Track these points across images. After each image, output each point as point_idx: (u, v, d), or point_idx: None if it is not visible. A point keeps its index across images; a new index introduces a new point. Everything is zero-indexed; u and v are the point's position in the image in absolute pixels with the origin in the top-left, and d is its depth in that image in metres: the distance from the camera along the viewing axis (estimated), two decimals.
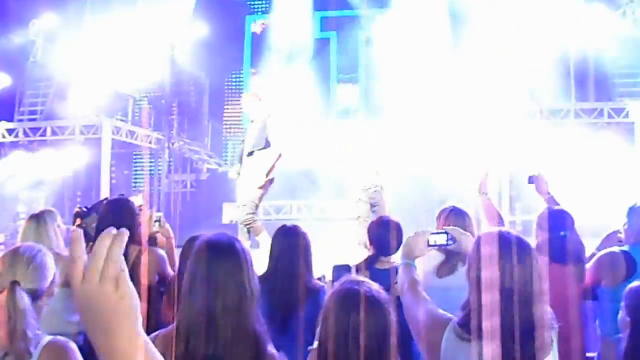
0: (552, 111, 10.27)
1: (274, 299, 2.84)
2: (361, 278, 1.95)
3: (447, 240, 2.18)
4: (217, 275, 1.77)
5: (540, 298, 1.78)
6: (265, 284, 2.83)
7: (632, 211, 3.38)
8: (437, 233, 2.21)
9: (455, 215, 3.23)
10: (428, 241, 2.18)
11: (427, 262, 3.04)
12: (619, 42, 11.50)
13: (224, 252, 1.82)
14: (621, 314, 2.29)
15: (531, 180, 3.92)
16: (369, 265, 3.39)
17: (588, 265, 3.34)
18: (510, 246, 1.78)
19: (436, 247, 2.25)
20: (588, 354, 3.29)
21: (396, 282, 2.89)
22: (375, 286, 1.86)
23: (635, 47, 11.28)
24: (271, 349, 1.82)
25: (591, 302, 3.46)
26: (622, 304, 2.31)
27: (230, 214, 9.29)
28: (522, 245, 1.81)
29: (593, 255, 3.48)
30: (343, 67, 13.00)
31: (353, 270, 3.41)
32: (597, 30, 11.46)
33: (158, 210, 5.27)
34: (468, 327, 1.78)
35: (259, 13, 13.77)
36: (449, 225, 3.01)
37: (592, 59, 11.68)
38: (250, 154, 6.27)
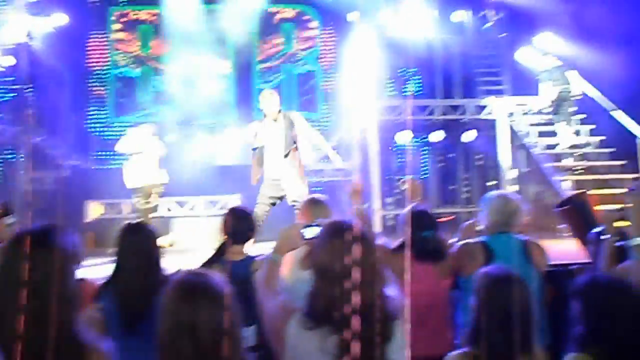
0: (420, 107, 10.61)
1: (121, 300, 2.68)
2: (201, 270, 1.86)
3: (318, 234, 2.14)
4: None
5: (379, 287, 1.81)
6: (111, 286, 2.74)
7: (487, 201, 3.46)
8: (311, 226, 2.20)
9: (313, 205, 3.22)
10: (303, 234, 2.19)
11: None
12: (483, 42, 12.22)
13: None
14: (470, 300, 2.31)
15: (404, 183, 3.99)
16: (220, 256, 3.27)
17: None
18: (349, 235, 1.80)
19: (311, 240, 2.19)
20: None
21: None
22: (214, 278, 1.75)
23: (496, 48, 12.01)
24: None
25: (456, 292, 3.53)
26: None
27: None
28: (361, 234, 1.82)
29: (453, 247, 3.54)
30: None
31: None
32: (460, 32, 12.10)
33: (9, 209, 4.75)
34: (311, 316, 1.79)
35: (123, 4, 13.02)
36: (309, 216, 2.98)
37: (457, 58, 12.27)
38: (287, 155, 6.31)
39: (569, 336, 2.13)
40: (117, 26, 12.90)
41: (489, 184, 11.57)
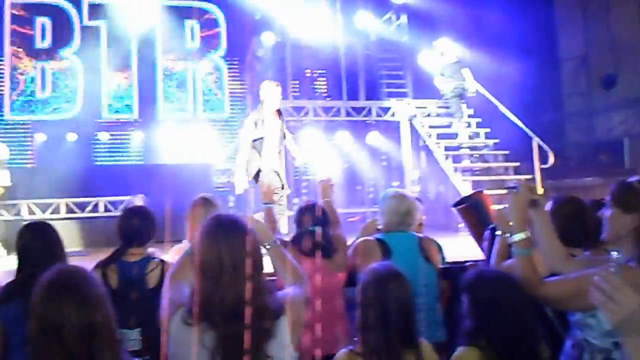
0: (324, 109, 10.67)
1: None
2: (74, 268, 1.77)
3: None
4: None
5: (261, 282, 1.81)
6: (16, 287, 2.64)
7: (384, 200, 3.50)
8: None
9: (203, 204, 3.22)
10: None
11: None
12: (386, 46, 12.48)
13: None
14: None
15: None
16: (117, 257, 3.12)
17: None
18: (222, 228, 1.82)
19: None
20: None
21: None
22: (86, 277, 1.69)
23: (399, 51, 12.29)
24: None
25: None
26: None
27: None
28: (233, 226, 1.84)
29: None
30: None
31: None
32: (365, 35, 12.29)
33: None
34: (191, 312, 1.78)
35: None
36: (199, 214, 2.94)
37: (361, 61, 12.45)
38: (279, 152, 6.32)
39: (459, 330, 2.17)
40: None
41: (393, 184, 11.81)
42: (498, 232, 2.61)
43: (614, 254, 1.45)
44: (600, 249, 2.52)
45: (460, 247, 5.73)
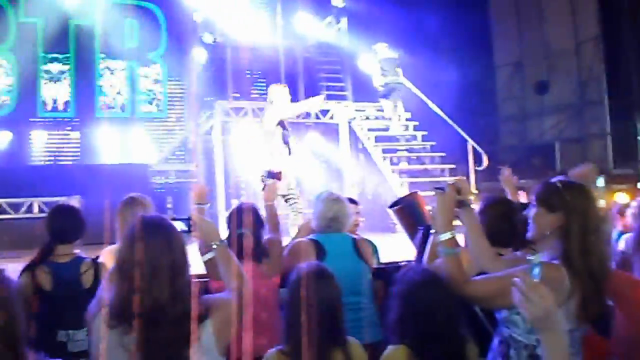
0: (264, 110, 10.59)
1: None
2: None
3: (188, 227, 2.19)
4: None
5: (183, 285, 1.78)
6: None
7: (318, 200, 3.51)
8: (180, 219, 2.20)
9: (129, 206, 3.21)
10: None
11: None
12: (325, 49, 12.53)
13: None
14: None
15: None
16: (45, 258, 3.02)
17: None
18: (142, 229, 1.78)
19: None
20: None
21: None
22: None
23: (339, 55, 12.37)
24: None
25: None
26: None
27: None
28: (154, 228, 1.81)
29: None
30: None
31: None
32: (305, 38, 12.31)
33: None
34: (112, 314, 1.76)
35: None
36: (127, 215, 2.88)
37: (301, 63, 12.45)
38: None
39: (389, 329, 2.18)
40: None
41: (332, 186, 11.85)
42: (432, 231, 2.64)
43: (530, 258, 1.49)
44: (529, 249, 2.59)
45: (397, 247, 5.79)
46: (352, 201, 4.07)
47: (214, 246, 2.07)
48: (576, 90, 12.44)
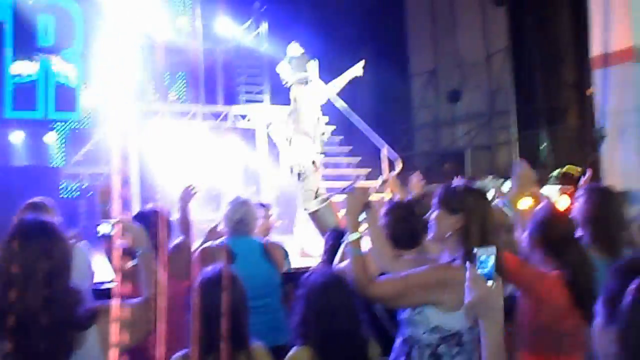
0: (182, 113, 10.40)
1: None
2: None
3: (111, 231, 2.13)
4: None
5: (64, 291, 1.72)
6: None
7: (227, 205, 3.49)
8: (106, 222, 2.18)
9: (27, 211, 3.00)
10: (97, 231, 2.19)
11: None
12: (245, 52, 12.46)
13: None
14: None
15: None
16: None
17: None
18: (18, 233, 1.71)
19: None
20: None
21: None
22: None
23: (258, 59, 12.32)
24: None
25: None
26: None
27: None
28: (32, 231, 1.74)
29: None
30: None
31: None
32: (225, 41, 12.19)
33: None
34: None
35: None
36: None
37: (220, 66, 12.31)
38: None
39: (294, 330, 2.18)
40: None
41: (252, 189, 11.76)
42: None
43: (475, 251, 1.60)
44: (421, 250, 2.68)
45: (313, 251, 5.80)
46: (263, 205, 4.05)
47: (139, 252, 2.01)
48: (486, 99, 12.97)
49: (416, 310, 2.12)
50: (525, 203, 3.23)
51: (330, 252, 2.98)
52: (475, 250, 1.61)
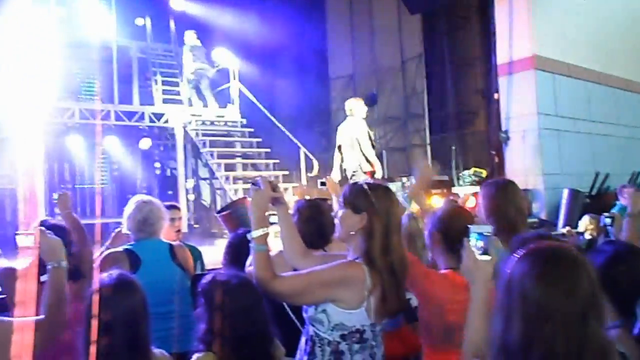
0: (92, 112, 10.04)
1: None
2: None
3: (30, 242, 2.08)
4: None
5: None
6: None
7: (130, 207, 3.37)
8: (28, 233, 2.10)
9: None
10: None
11: None
12: (163, 51, 12.18)
13: None
14: None
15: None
16: None
17: None
18: None
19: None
20: None
21: None
22: None
23: (177, 58, 12.08)
24: None
25: None
26: None
27: None
28: None
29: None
30: None
31: None
32: (142, 39, 11.86)
33: None
34: None
35: None
36: None
37: (135, 64, 11.97)
38: None
39: (197, 335, 2.12)
40: None
41: (169, 192, 11.52)
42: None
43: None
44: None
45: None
46: (173, 207, 3.94)
47: (50, 266, 1.92)
48: (401, 103, 13.31)
49: (320, 308, 2.13)
50: (420, 201, 3.30)
51: (232, 253, 2.93)
52: (471, 227, 1.92)
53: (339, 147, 7.58)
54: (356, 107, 7.54)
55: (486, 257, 1.90)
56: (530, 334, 1.19)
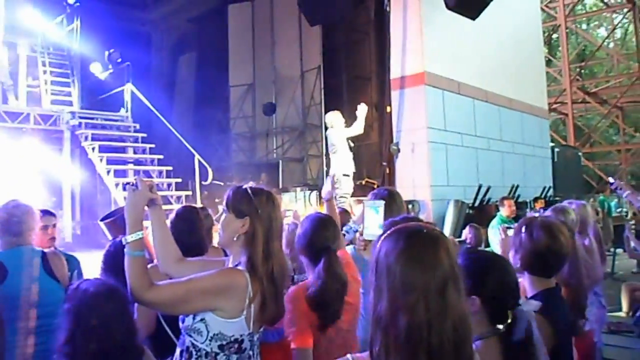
0: None
1: None
2: None
3: None
4: None
5: None
6: None
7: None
8: None
9: None
10: None
11: None
12: (54, 49, 11.55)
13: None
14: None
15: None
16: None
17: None
18: None
19: None
20: None
21: None
22: None
23: (69, 57, 11.51)
24: None
25: None
26: None
27: None
28: None
29: None
30: None
31: None
32: (32, 35, 11.19)
33: None
34: None
35: None
36: None
37: (24, 63, 11.31)
38: None
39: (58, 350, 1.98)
40: None
41: (53, 199, 10.88)
42: None
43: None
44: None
45: None
46: (48, 213, 3.70)
47: None
48: (299, 114, 13.45)
49: (198, 318, 2.05)
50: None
51: (109, 261, 2.80)
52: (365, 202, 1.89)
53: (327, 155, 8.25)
54: (335, 120, 8.32)
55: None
56: (395, 304, 1.29)
